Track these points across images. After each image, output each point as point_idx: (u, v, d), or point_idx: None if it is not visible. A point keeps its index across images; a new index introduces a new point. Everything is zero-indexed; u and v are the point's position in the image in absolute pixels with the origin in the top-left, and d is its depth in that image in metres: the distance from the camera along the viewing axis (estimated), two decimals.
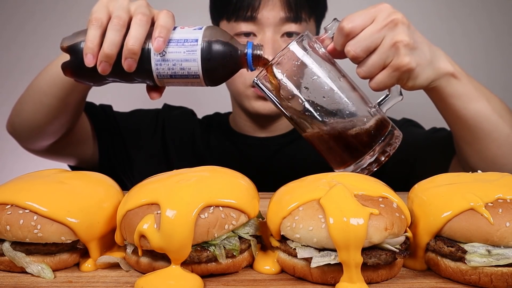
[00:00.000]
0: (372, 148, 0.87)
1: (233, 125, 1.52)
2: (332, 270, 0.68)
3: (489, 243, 0.67)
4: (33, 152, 1.31)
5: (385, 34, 0.87)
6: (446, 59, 0.97)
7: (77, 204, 0.75)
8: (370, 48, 0.87)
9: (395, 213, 0.69)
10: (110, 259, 0.76)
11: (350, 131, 0.87)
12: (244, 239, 0.75)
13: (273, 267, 0.74)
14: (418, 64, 0.89)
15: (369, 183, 0.76)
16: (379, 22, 0.87)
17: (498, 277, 0.66)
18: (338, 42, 0.89)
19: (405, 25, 0.88)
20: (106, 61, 0.83)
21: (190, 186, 0.73)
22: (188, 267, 0.71)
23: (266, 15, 1.25)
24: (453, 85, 0.97)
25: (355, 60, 0.89)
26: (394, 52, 0.87)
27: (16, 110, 1.22)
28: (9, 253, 0.73)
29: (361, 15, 0.88)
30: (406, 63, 0.87)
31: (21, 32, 1.93)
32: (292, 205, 0.72)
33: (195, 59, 0.84)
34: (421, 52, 0.90)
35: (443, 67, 0.95)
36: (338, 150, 0.89)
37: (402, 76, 0.89)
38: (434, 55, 0.94)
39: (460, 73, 0.98)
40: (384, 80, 0.88)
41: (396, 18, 0.88)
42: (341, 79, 0.88)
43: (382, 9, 0.89)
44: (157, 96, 0.92)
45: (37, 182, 0.78)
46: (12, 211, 0.72)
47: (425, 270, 0.74)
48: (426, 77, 0.93)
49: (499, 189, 0.71)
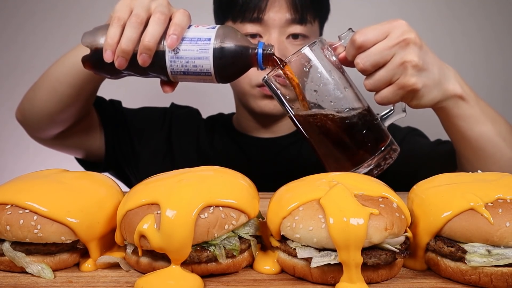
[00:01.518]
0: (369, 159, 0.89)
1: (236, 125, 1.54)
2: (332, 270, 0.68)
3: (489, 243, 0.67)
4: (41, 141, 1.34)
5: (396, 52, 0.88)
6: (455, 80, 0.97)
7: (77, 204, 0.75)
8: (378, 64, 0.88)
9: (395, 213, 0.69)
10: (110, 259, 0.76)
11: (350, 139, 0.89)
12: (244, 239, 0.75)
13: (273, 267, 0.74)
14: (424, 85, 0.90)
15: (369, 183, 0.76)
16: (392, 39, 0.88)
17: (498, 277, 0.66)
18: (349, 53, 0.91)
19: (417, 45, 0.89)
20: (123, 56, 0.87)
21: (190, 186, 0.73)
22: (188, 267, 0.71)
23: (272, 16, 1.26)
24: (460, 107, 0.98)
25: (363, 73, 0.90)
26: (402, 71, 0.88)
27: (29, 97, 1.25)
28: (9, 253, 0.73)
29: (375, 29, 0.89)
30: (412, 83, 0.88)
31: (21, 32, 1.93)
32: (292, 205, 0.72)
33: (208, 57, 0.87)
34: (430, 74, 0.91)
35: (452, 89, 0.96)
36: (337, 156, 0.91)
37: (407, 95, 0.91)
38: (444, 76, 0.95)
39: (468, 95, 0.99)
40: (389, 96, 0.90)
41: (409, 37, 0.88)
42: (347, 88, 0.89)
43: (397, 26, 0.89)
44: (169, 90, 0.95)
45: (37, 182, 0.78)
46: (12, 211, 0.72)
47: (425, 270, 0.74)
48: (432, 98, 0.94)
49: (499, 189, 0.71)
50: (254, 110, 1.37)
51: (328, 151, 0.92)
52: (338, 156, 0.91)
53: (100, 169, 1.44)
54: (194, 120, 1.56)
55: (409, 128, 1.46)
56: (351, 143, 0.89)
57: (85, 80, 1.16)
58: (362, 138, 0.89)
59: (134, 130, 1.47)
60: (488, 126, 1.02)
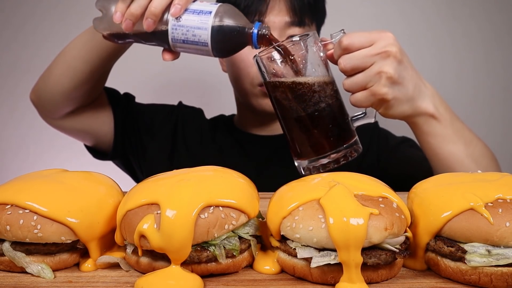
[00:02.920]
0: (330, 152, 0.95)
1: (237, 125, 1.57)
2: (332, 270, 0.68)
3: (489, 243, 0.67)
4: (52, 122, 1.39)
5: (376, 60, 0.93)
6: (430, 99, 1.02)
7: (77, 204, 0.75)
8: (358, 68, 0.94)
9: (395, 213, 0.69)
10: (110, 259, 0.76)
11: (318, 130, 0.95)
12: (244, 239, 0.75)
13: (273, 267, 0.74)
14: (394, 98, 0.96)
15: (369, 183, 0.76)
16: (375, 48, 0.94)
17: (498, 277, 0.66)
18: (335, 52, 0.96)
19: (396, 59, 0.94)
20: (130, 19, 0.94)
21: (190, 186, 0.73)
22: (188, 267, 0.71)
23: (273, 19, 1.29)
24: (431, 125, 1.04)
25: (344, 73, 0.96)
26: (377, 79, 0.93)
27: (44, 76, 1.32)
28: (9, 253, 0.73)
29: (362, 36, 0.94)
30: (383, 93, 0.94)
31: (21, 32, 1.93)
32: (292, 205, 0.72)
33: (206, 28, 0.93)
34: (403, 88, 0.96)
35: (424, 107, 1.01)
36: (302, 142, 0.97)
37: (378, 103, 0.96)
38: (418, 94, 1.00)
39: (442, 115, 1.03)
40: (361, 99, 0.96)
41: (391, 50, 0.94)
42: (327, 84, 0.95)
43: (383, 38, 0.95)
44: (169, 58, 1.01)
45: (37, 182, 0.78)
46: (12, 211, 0.72)
47: (425, 270, 0.74)
48: (401, 111, 0.99)
49: (499, 189, 0.71)
50: (255, 108, 1.39)
51: (296, 136, 0.98)
52: (303, 142, 0.97)
53: (107, 157, 1.49)
54: (198, 119, 1.60)
55: (404, 138, 1.49)
56: (317, 133, 0.95)
57: (99, 56, 1.23)
58: (328, 131, 0.94)
59: (143, 123, 1.51)
60: (459, 147, 1.06)
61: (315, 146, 0.96)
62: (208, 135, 1.54)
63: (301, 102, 0.93)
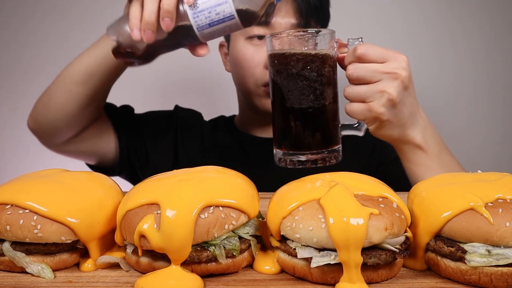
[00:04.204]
0: (312, 151, 0.96)
1: (238, 126, 1.58)
2: (332, 270, 0.68)
3: (489, 243, 0.67)
4: (54, 147, 1.36)
5: (383, 79, 0.95)
6: (421, 130, 1.04)
7: (77, 204, 0.75)
8: (363, 79, 0.96)
9: (395, 213, 0.69)
10: (110, 259, 0.76)
11: (306, 127, 0.95)
12: (244, 239, 0.75)
13: (273, 267, 0.74)
14: (388, 120, 0.98)
15: (369, 183, 0.76)
16: (386, 67, 0.95)
17: (498, 277, 0.66)
18: (347, 57, 0.97)
19: (403, 84, 0.96)
20: (149, 28, 0.91)
21: (190, 186, 0.73)
22: (188, 267, 0.71)
23: (279, 21, 1.31)
24: (415, 154, 1.06)
25: (349, 80, 0.98)
26: (378, 97, 0.95)
27: (42, 103, 1.27)
28: (9, 253, 0.73)
29: (377, 50, 0.96)
30: (380, 112, 0.96)
31: (21, 32, 1.93)
32: (292, 205, 0.72)
33: (227, 1, 0.90)
34: (399, 113, 0.98)
35: (411, 136, 1.03)
36: (286, 134, 0.98)
37: (371, 119, 0.98)
38: (411, 123, 1.02)
39: (430, 147, 1.05)
40: (356, 111, 0.98)
41: (400, 73, 0.95)
42: (329, 85, 0.96)
43: (397, 59, 0.96)
44: (203, 51, 0.98)
45: (37, 182, 0.78)
46: (12, 211, 0.72)
47: (425, 270, 0.74)
48: (389, 134, 1.02)
49: (499, 189, 0.71)
50: (258, 108, 1.40)
51: (283, 125, 0.98)
52: (287, 134, 0.97)
53: (113, 173, 1.46)
54: (197, 121, 1.60)
55: (395, 155, 1.47)
56: (304, 130, 0.95)
57: (101, 79, 1.22)
58: (316, 130, 0.96)
59: (146, 134, 1.50)
60: None
61: (298, 141, 0.96)
62: (208, 139, 1.53)
63: (299, 94, 0.94)
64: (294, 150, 0.96)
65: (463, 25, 1.90)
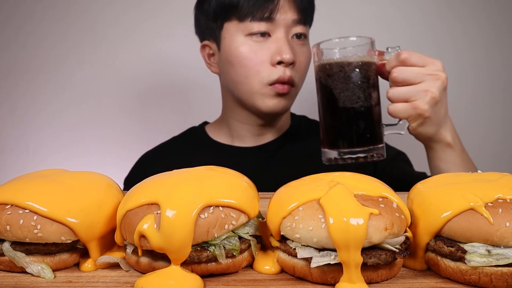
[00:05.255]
0: (363, 148, 1.06)
1: (214, 136, 1.53)
2: (332, 270, 0.68)
3: (489, 243, 0.67)
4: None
5: (426, 79, 1.06)
6: (450, 130, 1.16)
7: (77, 204, 0.75)
8: (408, 81, 1.06)
9: (395, 213, 0.69)
10: (110, 259, 0.76)
11: (359, 124, 1.06)
12: (244, 239, 0.75)
13: (273, 267, 0.74)
14: (429, 117, 1.08)
15: (369, 183, 0.75)
16: (428, 69, 1.07)
17: (498, 277, 0.66)
18: (390, 63, 1.08)
19: (443, 85, 1.08)
20: None
21: (190, 186, 0.73)
22: (188, 267, 0.71)
23: (281, 16, 1.31)
24: (445, 152, 1.17)
25: (392, 83, 1.08)
26: (422, 96, 1.06)
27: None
28: (9, 253, 0.73)
29: (419, 56, 1.08)
30: (424, 109, 1.07)
31: (20, 32, 1.93)
32: (292, 205, 0.71)
33: None
34: (438, 111, 1.09)
35: (444, 135, 1.15)
36: (340, 133, 1.08)
37: (414, 117, 1.08)
38: (444, 123, 1.14)
39: (456, 145, 1.18)
40: (400, 110, 1.08)
41: (441, 75, 1.08)
42: (374, 89, 1.08)
43: (436, 63, 1.09)
44: None
45: (37, 182, 0.78)
46: (12, 211, 0.72)
47: (425, 270, 0.74)
48: (427, 131, 1.12)
49: (499, 189, 0.71)
50: (260, 109, 1.37)
51: (337, 125, 1.08)
52: (343, 132, 1.07)
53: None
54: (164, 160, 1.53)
55: (397, 151, 1.50)
56: (357, 127, 1.06)
57: None
58: (366, 127, 1.06)
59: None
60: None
61: (353, 138, 1.06)
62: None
63: (352, 95, 1.04)
64: (348, 148, 1.06)
65: (463, 25, 1.90)
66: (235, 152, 1.48)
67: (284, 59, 1.29)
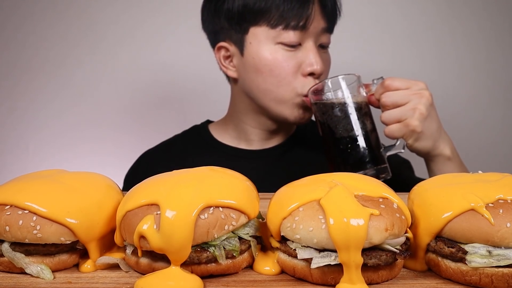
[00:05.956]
0: (365, 169, 1.16)
1: (218, 136, 1.51)
2: (332, 271, 0.68)
3: (489, 244, 0.67)
4: None
5: (411, 99, 1.16)
6: (447, 144, 1.24)
7: (77, 204, 0.74)
8: (396, 103, 1.16)
9: (396, 213, 0.69)
10: (110, 259, 0.75)
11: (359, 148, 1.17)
12: (244, 240, 0.74)
13: (273, 268, 0.74)
14: (422, 131, 1.16)
15: (369, 184, 0.75)
16: (412, 90, 1.16)
17: (498, 277, 0.66)
18: (377, 91, 1.19)
19: (429, 101, 1.17)
20: None
21: (190, 186, 0.73)
22: (188, 268, 0.70)
23: (314, 25, 1.28)
24: (446, 165, 1.24)
25: (383, 108, 1.18)
26: (411, 114, 1.15)
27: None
28: (8, 253, 0.73)
29: (401, 80, 1.17)
30: (415, 125, 1.15)
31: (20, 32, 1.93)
32: (292, 206, 0.71)
33: None
34: (429, 125, 1.18)
35: (441, 148, 1.23)
36: (345, 158, 1.18)
37: (408, 134, 1.16)
38: (439, 136, 1.22)
39: (455, 158, 1.26)
40: (394, 130, 1.17)
41: (424, 93, 1.17)
42: (369, 118, 1.20)
43: (418, 83, 1.18)
44: None
45: (36, 183, 0.78)
46: (11, 212, 0.72)
47: (426, 270, 0.74)
48: (424, 145, 1.20)
49: (500, 189, 0.71)
50: (287, 118, 1.35)
51: (336, 153, 1.20)
52: (338, 159, 1.19)
53: None
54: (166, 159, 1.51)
55: (402, 159, 1.51)
56: (357, 151, 1.17)
57: None
58: (368, 151, 1.17)
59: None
60: None
61: (350, 163, 1.17)
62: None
63: (347, 124, 1.16)
64: (353, 171, 1.14)
65: (464, 25, 1.90)
66: (241, 155, 1.46)
67: (315, 71, 1.27)
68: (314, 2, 1.27)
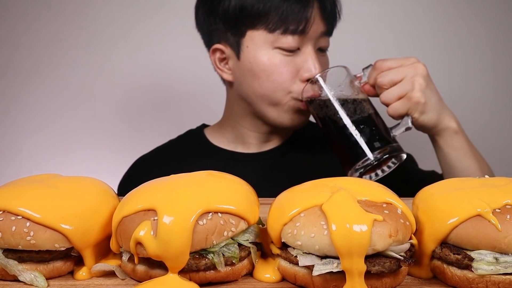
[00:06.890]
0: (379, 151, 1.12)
1: (214, 140, 1.50)
2: (335, 278, 0.67)
3: (496, 251, 0.66)
4: None
5: (407, 73, 1.15)
6: (452, 117, 1.22)
7: (71, 210, 0.74)
8: (393, 80, 1.15)
9: (400, 219, 0.68)
10: (105, 267, 0.75)
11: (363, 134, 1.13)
12: (244, 246, 0.74)
13: (274, 275, 0.73)
14: (426, 102, 1.15)
15: (372, 189, 0.75)
16: (405, 65, 1.16)
17: (506, 285, 0.66)
18: (370, 76, 1.18)
19: (424, 72, 1.16)
20: None
21: (188, 191, 0.72)
22: (186, 275, 0.70)
23: (314, 29, 1.26)
24: (453, 139, 1.22)
25: (380, 90, 1.16)
26: (411, 86, 1.13)
27: None
28: (1, 260, 0.72)
29: (391, 59, 1.18)
30: (418, 96, 1.13)
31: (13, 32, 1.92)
32: (293, 211, 0.71)
33: None
34: (430, 96, 1.16)
35: (447, 121, 1.20)
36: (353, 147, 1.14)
37: (413, 107, 1.14)
38: (442, 108, 1.20)
39: (462, 131, 1.23)
40: (397, 106, 1.14)
41: (418, 65, 1.16)
42: (368, 102, 1.18)
43: (409, 59, 1.18)
44: None
45: (29, 187, 0.77)
46: (4, 218, 0.72)
47: (431, 278, 0.73)
48: (430, 117, 1.17)
49: (507, 194, 0.70)
50: (283, 123, 1.34)
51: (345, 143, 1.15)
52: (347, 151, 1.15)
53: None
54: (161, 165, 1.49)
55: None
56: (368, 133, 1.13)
57: None
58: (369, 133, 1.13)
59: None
60: (474, 162, 1.23)
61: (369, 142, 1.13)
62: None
63: (347, 110, 1.14)
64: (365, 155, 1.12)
65: (470, 25, 1.89)
66: (238, 158, 1.45)
67: (313, 76, 1.26)
68: (314, 5, 1.25)
